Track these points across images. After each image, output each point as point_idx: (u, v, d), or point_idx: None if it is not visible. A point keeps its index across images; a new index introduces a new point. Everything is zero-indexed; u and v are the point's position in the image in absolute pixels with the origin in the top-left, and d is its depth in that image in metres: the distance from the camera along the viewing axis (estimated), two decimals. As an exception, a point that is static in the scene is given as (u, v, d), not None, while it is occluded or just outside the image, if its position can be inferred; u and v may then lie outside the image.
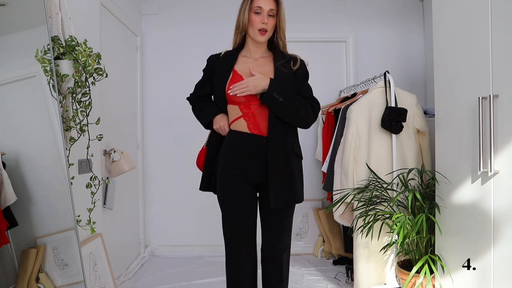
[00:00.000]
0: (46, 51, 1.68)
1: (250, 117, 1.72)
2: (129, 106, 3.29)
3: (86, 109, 1.89)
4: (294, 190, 1.74)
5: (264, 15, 1.70)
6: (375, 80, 2.73)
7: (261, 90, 1.67)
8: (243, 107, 1.73)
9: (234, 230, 1.77)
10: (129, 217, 3.24)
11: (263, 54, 1.82)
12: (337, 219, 2.58)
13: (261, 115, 1.71)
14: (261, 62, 1.78)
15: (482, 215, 1.74)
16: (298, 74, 1.78)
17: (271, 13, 1.71)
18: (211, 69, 1.85)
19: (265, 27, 1.70)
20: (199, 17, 3.60)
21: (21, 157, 1.74)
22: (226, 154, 1.77)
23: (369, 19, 3.64)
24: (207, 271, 3.04)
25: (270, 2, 1.71)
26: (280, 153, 1.71)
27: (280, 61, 1.77)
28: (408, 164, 2.46)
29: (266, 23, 1.70)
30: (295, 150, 1.78)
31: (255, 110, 1.71)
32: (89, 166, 2.10)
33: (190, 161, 3.48)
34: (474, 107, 1.75)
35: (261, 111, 1.71)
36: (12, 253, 1.70)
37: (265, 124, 1.71)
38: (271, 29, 1.73)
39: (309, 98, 1.79)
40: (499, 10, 1.61)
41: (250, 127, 1.72)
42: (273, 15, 1.72)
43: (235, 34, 1.82)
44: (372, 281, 2.45)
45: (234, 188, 1.75)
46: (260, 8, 1.69)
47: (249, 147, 1.72)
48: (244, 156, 1.73)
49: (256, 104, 1.71)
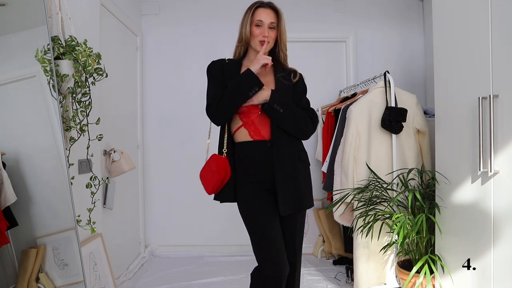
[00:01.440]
0: (46, 51, 1.68)
1: (250, 125, 1.74)
2: (129, 106, 3.29)
3: (86, 109, 1.89)
4: (301, 196, 1.73)
5: (265, 28, 1.73)
6: (375, 80, 2.73)
7: (263, 100, 1.69)
8: (243, 116, 1.75)
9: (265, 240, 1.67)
10: (129, 217, 3.24)
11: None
12: (337, 219, 2.58)
13: (261, 122, 1.73)
14: (262, 73, 1.79)
15: (482, 215, 1.74)
16: (297, 87, 1.81)
17: (272, 25, 1.74)
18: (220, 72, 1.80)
19: (266, 39, 1.73)
20: (199, 17, 3.61)
21: (21, 157, 1.74)
22: (240, 164, 1.75)
23: (369, 19, 3.64)
24: (207, 271, 3.04)
25: (271, 15, 1.74)
26: (285, 157, 1.71)
27: (281, 73, 1.79)
28: (408, 164, 2.46)
29: (267, 36, 1.73)
30: (301, 157, 1.79)
31: (254, 118, 1.74)
32: (89, 166, 2.10)
33: (190, 161, 3.51)
34: (474, 107, 1.75)
35: (260, 118, 1.74)
36: (12, 253, 1.70)
37: (266, 129, 1.73)
38: (272, 40, 1.76)
39: (309, 111, 1.82)
40: (499, 10, 1.61)
41: (251, 135, 1.74)
42: (273, 27, 1.75)
43: (238, 46, 1.84)
44: (372, 281, 2.45)
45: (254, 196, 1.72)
46: (261, 21, 1.73)
47: (255, 154, 1.73)
48: (253, 163, 1.74)
49: (255, 113, 1.73)
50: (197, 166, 1.89)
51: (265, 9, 1.74)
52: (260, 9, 1.74)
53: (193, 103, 3.51)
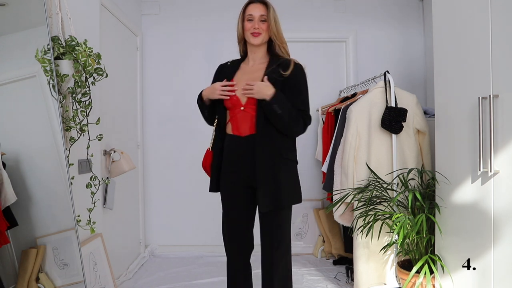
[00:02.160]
0: (46, 51, 1.68)
1: (234, 121, 1.82)
2: (129, 106, 3.29)
3: (86, 109, 1.89)
4: (280, 194, 1.76)
5: (256, 21, 1.81)
6: (375, 80, 2.73)
7: (262, 97, 1.74)
8: (230, 111, 1.85)
9: (228, 230, 1.89)
10: (129, 217, 3.24)
11: (262, 59, 1.89)
12: (337, 219, 2.58)
13: (242, 119, 1.80)
14: (254, 68, 1.87)
15: (482, 215, 1.74)
16: (289, 79, 1.81)
17: (262, 18, 1.82)
18: (216, 76, 1.97)
19: (257, 31, 1.81)
20: (199, 16, 3.60)
21: (21, 157, 1.74)
22: (224, 156, 1.88)
23: (369, 19, 3.64)
24: (207, 271, 3.04)
25: (260, 8, 1.82)
26: (266, 154, 1.76)
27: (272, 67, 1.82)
28: (408, 164, 2.46)
29: (257, 28, 1.81)
30: (284, 155, 1.80)
31: (237, 113, 1.81)
32: (89, 166, 2.10)
33: (190, 161, 3.51)
34: (474, 107, 1.75)
35: (242, 115, 1.80)
36: (12, 253, 1.70)
37: (245, 126, 1.80)
38: (264, 32, 1.82)
39: (305, 113, 1.82)
40: (499, 10, 1.61)
41: (233, 130, 1.83)
42: (264, 20, 1.82)
43: (238, 45, 1.95)
44: (372, 281, 2.45)
45: (229, 188, 1.87)
46: (251, 15, 1.82)
47: (234, 148, 1.83)
48: (233, 156, 1.84)
49: (239, 109, 1.81)
50: (197, 166, 1.91)
51: (255, 4, 1.84)
52: (250, 5, 1.85)
53: (193, 103, 3.44)
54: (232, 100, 1.80)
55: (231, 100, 1.80)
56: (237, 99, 1.80)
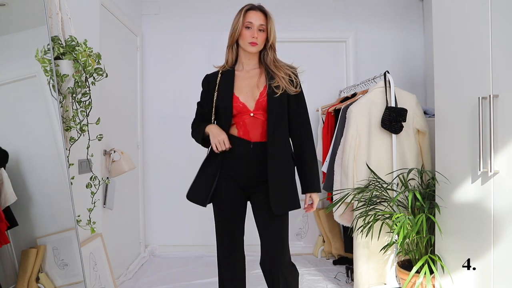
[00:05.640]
0: (46, 51, 1.69)
1: (241, 126, 1.80)
2: (129, 106, 3.29)
3: (86, 109, 1.89)
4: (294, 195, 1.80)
5: (254, 29, 1.77)
6: (375, 80, 2.73)
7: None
8: (237, 116, 1.81)
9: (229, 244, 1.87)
10: (129, 217, 3.24)
11: (255, 65, 1.88)
12: (337, 219, 2.58)
13: (251, 125, 1.79)
14: (251, 74, 1.85)
15: (482, 215, 1.74)
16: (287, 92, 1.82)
17: (261, 28, 1.78)
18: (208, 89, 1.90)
19: (255, 41, 1.77)
20: (199, 16, 3.60)
21: (21, 157, 1.74)
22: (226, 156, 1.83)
23: (369, 19, 3.64)
24: (207, 271, 3.03)
25: (260, 18, 1.78)
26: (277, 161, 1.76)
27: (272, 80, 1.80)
28: (408, 164, 2.46)
29: (256, 38, 1.77)
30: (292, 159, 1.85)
31: (246, 119, 1.79)
32: (89, 166, 2.10)
33: (190, 161, 3.50)
34: (474, 107, 1.75)
35: (252, 120, 1.79)
36: (12, 253, 1.70)
37: (255, 132, 1.78)
38: (261, 42, 1.80)
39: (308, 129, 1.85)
40: (499, 10, 1.61)
41: (239, 133, 1.80)
42: (263, 29, 1.79)
43: (228, 50, 1.87)
44: (372, 281, 2.45)
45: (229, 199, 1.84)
46: (250, 23, 1.77)
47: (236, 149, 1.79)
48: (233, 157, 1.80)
49: (248, 115, 1.79)
50: (197, 166, 1.90)
51: (256, 12, 1.79)
52: (250, 12, 1.79)
53: (193, 103, 3.45)
54: (238, 107, 1.78)
55: (238, 107, 1.78)
56: (244, 105, 1.78)
